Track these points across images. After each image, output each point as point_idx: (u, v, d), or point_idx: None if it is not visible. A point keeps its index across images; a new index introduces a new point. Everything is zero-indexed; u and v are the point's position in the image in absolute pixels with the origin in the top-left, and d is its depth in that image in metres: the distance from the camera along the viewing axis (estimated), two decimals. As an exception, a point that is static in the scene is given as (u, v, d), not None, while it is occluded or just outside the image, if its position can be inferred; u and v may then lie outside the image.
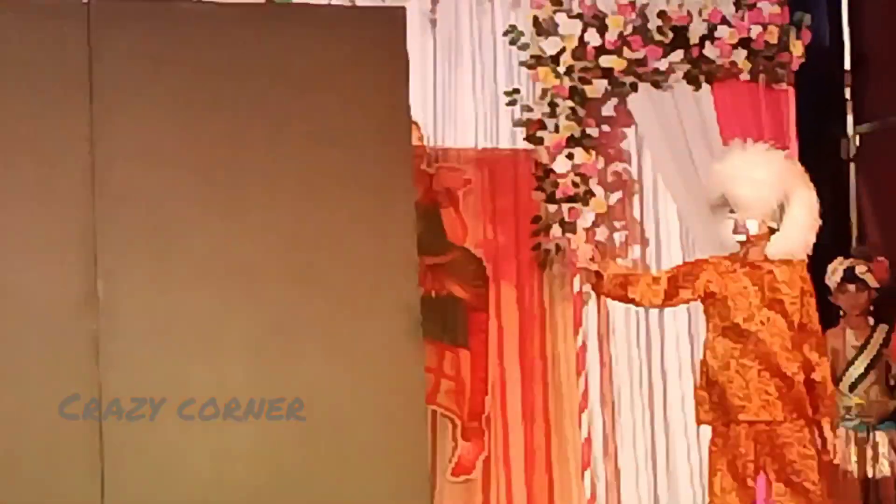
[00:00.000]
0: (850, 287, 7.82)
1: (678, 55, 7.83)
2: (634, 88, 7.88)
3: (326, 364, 6.16)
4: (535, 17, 7.74)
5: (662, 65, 7.83)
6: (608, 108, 7.89)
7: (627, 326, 8.05)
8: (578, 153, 7.64)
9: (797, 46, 7.95)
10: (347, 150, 6.26)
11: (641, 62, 7.79)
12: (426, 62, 7.82)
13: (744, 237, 6.17)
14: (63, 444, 5.94)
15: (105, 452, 5.97)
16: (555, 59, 7.70)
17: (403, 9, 6.64)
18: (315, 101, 6.28)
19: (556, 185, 7.65)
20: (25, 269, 5.94)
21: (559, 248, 7.73)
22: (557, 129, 7.67)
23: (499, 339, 7.83)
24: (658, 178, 8.09)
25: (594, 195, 7.69)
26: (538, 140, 7.71)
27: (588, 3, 7.77)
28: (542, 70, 7.72)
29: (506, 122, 7.93)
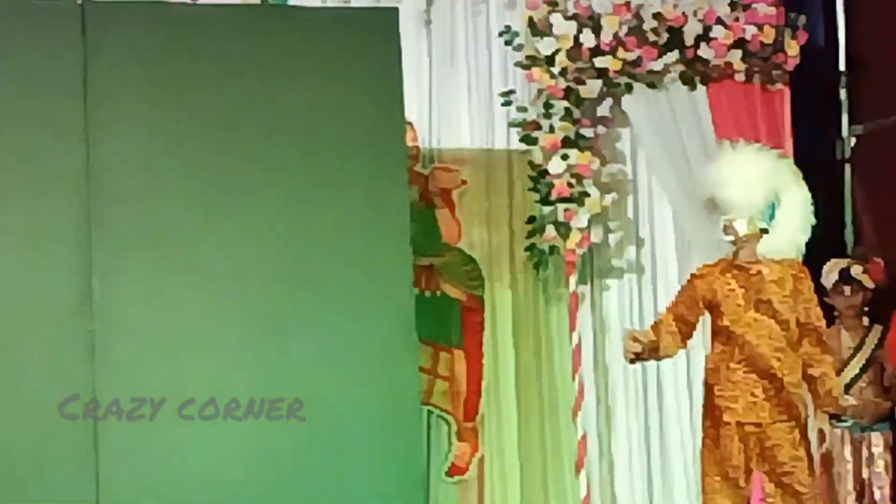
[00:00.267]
0: (846, 288, 7.78)
1: (673, 56, 7.80)
2: (629, 89, 7.86)
3: (321, 364, 6.24)
4: (531, 18, 7.72)
5: (657, 65, 7.81)
6: (603, 109, 7.86)
7: (622, 326, 7.90)
8: (573, 154, 7.62)
9: (792, 47, 7.91)
10: (342, 151, 6.36)
11: (636, 63, 7.77)
12: (421, 63, 7.79)
13: (732, 238, 6.16)
14: (58, 444, 5.97)
15: (100, 452, 6.02)
16: (550, 60, 7.68)
17: (396, 10, 6.80)
18: (309, 102, 6.38)
19: (551, 186, 7.62)
20: (21, 270, 6.00)
21: (554, 249, 7.72)
22: (552, 130, 7.65)
23: (493, 340, 7.83)
24: (653, 179, 8.08)
25: (589, 196, 7.65)
26: (533, 140, 7.70)
27: (583, 4, 7.74)
28: (537, 71, 7.69)
29: (501, 123, 7.91)
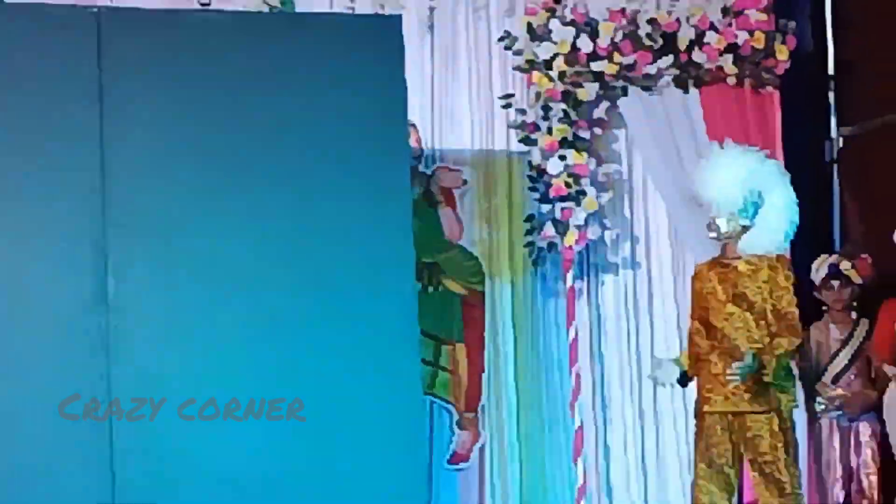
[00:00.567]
0: (834, 283, 7.83)
1: (667, 60, 7.85)
2: (625, 92, 7.92)
3: (326, 358, 6.19)
4: (529, 24, 7.75)
5: (652, 69, 7.86)
6: (600, 111, 7.88)
7: (618, 320, 8.06)
8: (571, 154, 7.66)
9: (783, 52, 7.94)
10: (347, 152, 6.29)
11: (632, 67, 7.82)
12: (424, 67, 7.78)
13: (715, 234, 6.25)
14: (72, 441, 5.93)
15: (114, 450, 5.99)
16: (548, 64, 7.72)
17: (400, 17, 6.70)
18: (315, 105, 6.31)
19: (550, 186, 7.66)
20: (40, 268, 5.97)
21: (552, 246, 7.75)
22: (550, 132, 7.69)
23: (493, 333, 7.85)
24: (647, 179, 8.11)
25: (586, 195, 7.69)
26: (532, 142, 7.74)
27: (580, 11, 7.79)
28: (536, 74, 7.74)
29: (501, 125, 7.93)
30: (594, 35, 7.75)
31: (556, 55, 7.72)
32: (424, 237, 7.18)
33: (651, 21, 7.86)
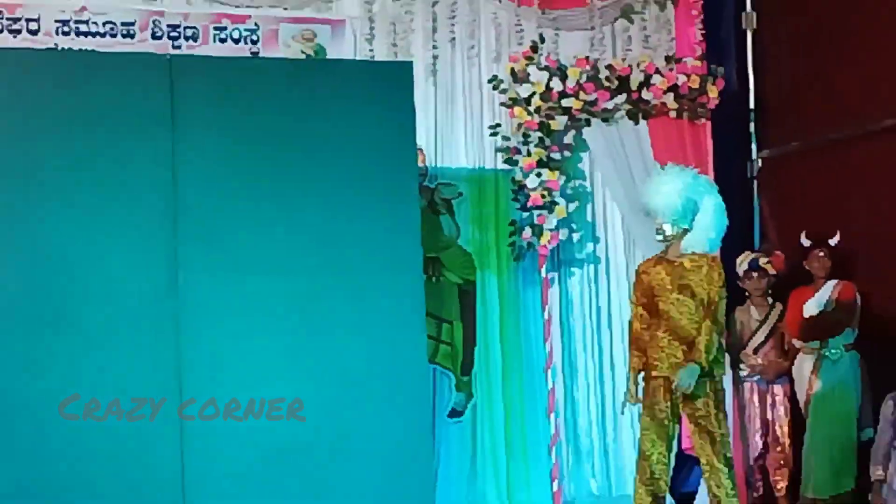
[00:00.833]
0: (754, 274, 7.85)
1: (622, 98, 7.85)
2: (588, 123, 7.88)
3: (352, 334, 6.21)
4: (512, 69, 7.74)
5: (609, 105, 7.84)
6: (568, 138, 7.83)
7: (582, 304, 8.02)
8: (545, 172, 7.64)
9: (713, 91, 7.97)
10: (368, 171, 6.31)
11: (593, 103, 7.80)
12: (428, 103, 7.67)
13: (662, 236, 6.23)
14: (146, 440, 5.89)
15: (185, 448, 5.96)
16: (527, 101, 7.69)
17: (410, 63, 6.77)
18: (343, 132, 6.30)
19: (528, 197, 7.63)
20: (124, 265, 5.98)
21: (530, 245, 7.70)
22: (529, 154, 7.66)
23: (484, 314, 7.78)
24: (606, 192, 8.07)
25: (557, 204, 7.67)
26: (514, 162, 7.70)
27: (553, 58, 7.79)
28: (518, 109, 7.70)
29: (489, 149, 7.85)
30: (563, 78, 7.72)
31: (534, 94, 7.69)
32: (429, 238, 7.06)
33: (609, 67, 7.86)
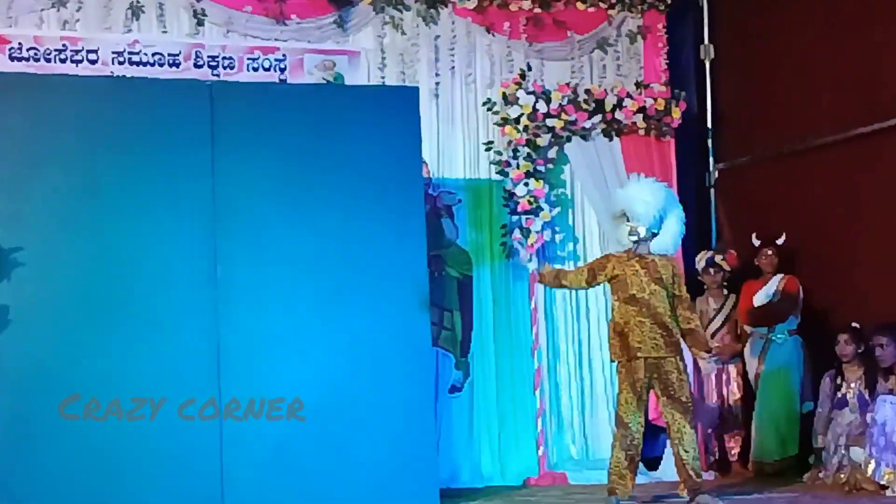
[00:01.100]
0: (711, 270, 7.88)
1: (598, 118, 7.81)
2: (569, 140, 7.85)
3: (368, 321, 6.24)
4: (504, 93, 7.71)
5: (588, 124, 7.80)
6: (552, 153, 7.78)
7: (565, 295, 7.90)
8: (532, 182, 7.61)
9: (676, 112, 7.95)
10: (380, 181, 6.33)
11: (573, 123, 7.77)
12: (432, 122, 7.62)
13: (636, 238, 6.25)
14: (185, 440, 5.85)
15: (224, 446, 5.93)
16: (517, 121, 7.66)
17: (416, 87, 6.85)
18: (359, 147, 6.32)
19: (518, 203, 7.59)
20: (171, 260, 6.00)
21: (520, 245, 7.65)
22: (518, 167, 7.62)
23: (479, 304, 7.72)
24: (584, 199, 8.02)
25: (542, 209, 7.63)
26: (505, 173, 7.67)
27: (538, 84, 7.76)
28: (508, 128, 7.67)
29: (484, 162, 7.81)
30: (548, 101, 7.69)
31: (522, 114, 7.66)
32: (432, 238, 7.06)
33: (587, 91, 7.83)
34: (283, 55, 7.42)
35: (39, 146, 5.86)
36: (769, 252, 7.74)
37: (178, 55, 7.21)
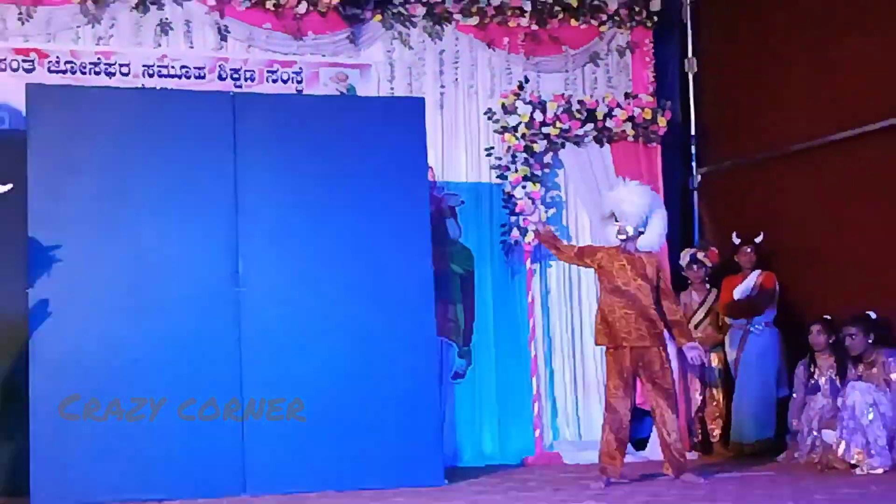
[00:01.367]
0: (694, 266, 7.90)
1: (590, 126, 7.81)
2: (563, 146, 7.84)
3: (377, 314, 6.22)
4: (503, 103, 7.71)
5: (580, 132, 7.80)
6: (547, 158, 7.77)
7: (559, 289, 7.91)
8: (529, 185, 7.60)
9: (662, 121, 7.94)
10: (390, 184, 6.33)
11: (567, 130, 7.77)
12: (437, 130, 7.61)
13: (624, 236, 6.23)
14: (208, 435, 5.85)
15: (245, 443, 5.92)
16: (515, 128, 7.66)
17: (423, 98, 6.83)
18: (370, 153, 6.32)
19: (516, 204, 7.59)
20: (196, 258, 6.01)
21: (517, 243, 7.67)
22: (517, 171, 7.62)
23: (481, 298, 7.73)
24: (577, 201, 8.01)
25: (539, 210, 7.61)
26: (504, 177, 7.67)
27: (535, 95, 7.76)
28: (508, 135, 7.67)
29: (485, 166, 7.82)
30: (544, 110, 7.70)
31: (520, 123, 7.67)
32: (437, 237, 7.01)
33: (580, 101, 7.83)
34: (300, 68, 7.43)
35: (76, 152, 5.89)
36: (748, 250, 7.72)
37: (204, 68, 7.23)
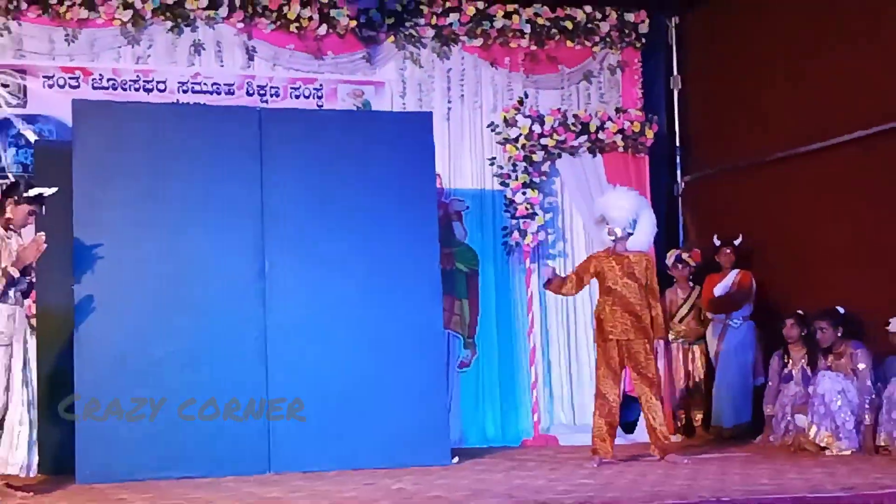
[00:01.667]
0: (679, 265, 7.90)
1: (584, 138, 7.81)
2: (560, 156, 7.84)
3: (390, 309, 6.20)
4: (505, 117, 7.69)
5: (575, 143, 7.80)
6: (545, 167, 7.77)
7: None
8: (529, 191, 7.60)
9: (650, 133, 7.92)
10: (400, 191, 6.31)
11: (564, 142, 7.76)
12: (444, 141, 7.63)
13: (613, 238, 6.21)
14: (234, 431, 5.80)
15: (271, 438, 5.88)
16: (516, 140, 7.66)
17: (431, 112, 6.83)
18: (383, 162, 6.29)
19: (516, 209, 7.59)
20: (226, 256, 5.99)
21: (518, 244, 7.66)
22: (517, 178, 7.62)
23: (485, 294, 7.74)
24: (573, 206, 8.01)
25: (538, 214, 7.62)
26: (506, 184, 7.66)
27: (534, 109, 7.75)
28: (509, 146, 7.66)
29: (488, 175, 7.80)
30: (542, 123, 7.69)
31: (520, 135, 7.66)
32: (444, 238, 7.06)
33: (575, 115, 7.83)
34: (321, 85, 7.44)
35: (116, 161, 5.89)
36: (728, 251, 7.71)
37: (233, 85, 7.25)
